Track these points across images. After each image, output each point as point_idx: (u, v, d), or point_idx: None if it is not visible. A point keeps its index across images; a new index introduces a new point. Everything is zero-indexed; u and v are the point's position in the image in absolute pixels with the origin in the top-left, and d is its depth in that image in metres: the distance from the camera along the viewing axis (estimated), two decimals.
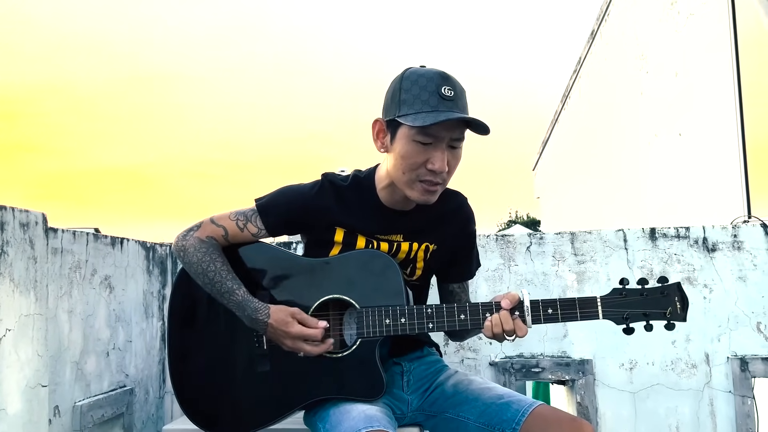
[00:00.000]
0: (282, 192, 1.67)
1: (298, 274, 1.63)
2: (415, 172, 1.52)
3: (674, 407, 2.27)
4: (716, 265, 2.31)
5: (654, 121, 5.70)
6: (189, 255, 1.60)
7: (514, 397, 1.61)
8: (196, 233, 1.63)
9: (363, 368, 1.55)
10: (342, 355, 1.57)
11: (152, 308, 2.33)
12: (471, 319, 1.55)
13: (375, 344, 1.56)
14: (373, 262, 1.60)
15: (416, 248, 1.68)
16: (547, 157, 11.17)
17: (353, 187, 1.66)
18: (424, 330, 1.56)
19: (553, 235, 2.39)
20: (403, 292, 1.59)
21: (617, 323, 1.55)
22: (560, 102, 9.62)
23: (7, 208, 1.37)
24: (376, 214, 1.65)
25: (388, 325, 1.55)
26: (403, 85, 1.51)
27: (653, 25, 5.69)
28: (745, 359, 2.24)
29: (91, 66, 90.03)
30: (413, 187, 1.54)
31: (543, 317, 1.54)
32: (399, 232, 1.67)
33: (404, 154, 1.51)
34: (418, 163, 1.50)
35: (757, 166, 4.01)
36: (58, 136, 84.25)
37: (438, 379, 1.74)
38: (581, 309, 1.54)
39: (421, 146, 1.49)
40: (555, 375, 2.33)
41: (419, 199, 1.57)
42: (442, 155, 1.50)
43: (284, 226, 1.68)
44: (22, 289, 1.42)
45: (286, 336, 1.52)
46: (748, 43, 4.10)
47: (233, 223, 1.64)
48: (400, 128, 1.50)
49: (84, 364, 1.86)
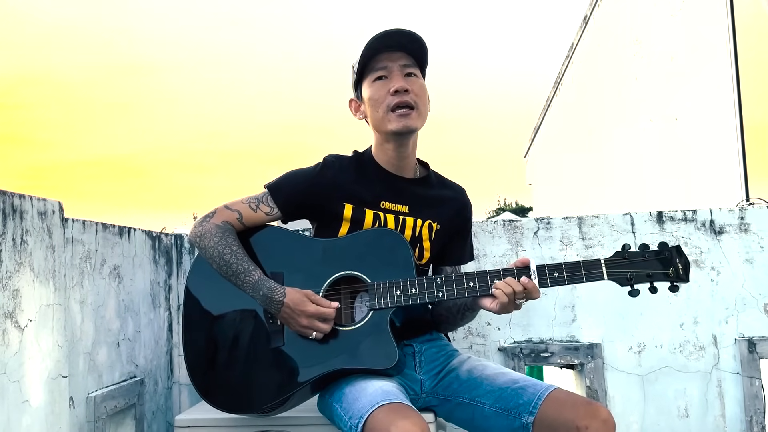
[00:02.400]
0: (290, 173, 1.75)
1: (309, 254, 1.67)
2: (384, 103, 1.65)
3: (683, 389, 2.28)
4: (723, 247, 2.32)
5: (649, 105, 5.72)
6: (206, 240, 1.65)
7: (529, 381, 1.62)
8: (212, 219, 1.69)
9: (376, 338, 1.58)
10: (355, 327, 1.60)
11: (159, 298, 2.31)
12: (480, 286, 1.58)
13: (387, 314, 1.59)
14: (383, 240, 1.66)
15: (420, 225, 1.72)
16: (539, 144, 11.19)
17: (354, 158, 1.77)
18: (434, 299, 1.60)
19: (561, 219, 2.40)
20: (413, 265, 1.63)
21: (621, 284, 1.58)
22: (552, 89, 9.62)
23: (25, 197, 1.35)
24: (379, 179, 1.73)
25: (398, 296, 1.58)
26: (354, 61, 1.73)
27: (648, 10, 5.69)
28: (753, 341, 2.25)
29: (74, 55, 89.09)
30: (389, 119, 1.66)
31: (550, 280, 1.58)
32: (404, 202, 1.72)
33: (370, 95, 1.68)
34: (383, 94, 1.65)
35: (755, 149, 4.03)
36: (41, 126, 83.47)
37: (450, 363, 1.75)
38: (586, 271, 1.58)
39: (380, 82, 1.66)
40: (564, 359, 2.34)
41: (398, 128, 1.65)
42: (398, 77, 1.65)
43: (295, 205, 1.72)
44: (42, 279, 1.40)
45: (303, 314, 1.55)
46: (745, 26, 4.11)
47: (246, 206, 1.70)
48: (362, 84, 1.71)
49: (96, 354, 1.84)
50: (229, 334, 1.67)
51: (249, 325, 1.66)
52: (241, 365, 1.64)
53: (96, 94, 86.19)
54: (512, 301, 1.55)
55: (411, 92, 1.65)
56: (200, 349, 1.70)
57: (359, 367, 1.57)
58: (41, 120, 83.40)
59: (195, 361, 1.69)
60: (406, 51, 1.68)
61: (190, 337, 1.71)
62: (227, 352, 1.67)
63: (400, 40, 1.66)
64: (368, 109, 1.71)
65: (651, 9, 5.60)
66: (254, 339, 1.64)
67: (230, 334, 1.67)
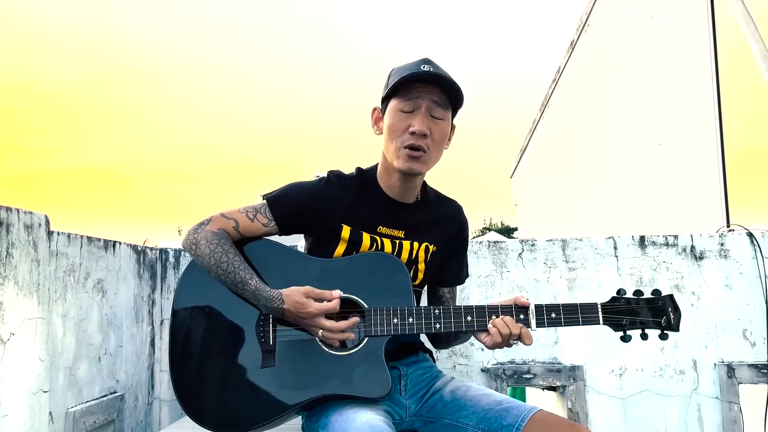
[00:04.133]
0: (291, 186, 1.73)
1: (306, 272, 1.65)
2: (399, 138, 1.63)
3: (663, 413, 2.30)
4: (703, 272, 2.36)
5: (633, 130, 5.80)
6: (201, 247, 1.62)
7: (513, 403, 1.63)
8: (207, 227, 1.65)
9: (370, 366, 1.57)
10: (349, 352, 1.58)
11: (142, 313, 2.30)
12: (477, 321, 1.58)
13: (382, 342, 1.58)
14: (382, 264, 1.64)
15: (417, 248, 1.72)
16: (525, 165, 11.27)
17: (357, 178, 1.75)
18: (431, 330, 1.59)
19: (545, 242, 2.42)
20: (411, 293, 1.62)
21: (615, 330, 1.61)
22: (539, 111, 9.73)
23: (12, 210, 1.35)
24: (378, 203, 1.71)
25: (396, 324, 1.57)
26: (393, 70, 1.69)
27: (633, 37, 5.79)
28: (732, 366, 2.28)
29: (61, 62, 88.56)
30: (399, 155, 1.64)
31: (547, 321, 1.58)
32: (400, 227, 1.71)
33: (390, 124, 1.65)
34: (402, 129, 1.62)
35: (735, 176, 4.09)
36: (27, 134, 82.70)
37: (435, 384, 1.75)
38: (583, 314, 1.59)
39: (404, 114, 1.63)
40: (546, 381, 2.35)
41: (404, 167, 1.64)
42: (422, 119, 1.62)
43: (292, 219, 1.70)
44: (26, 292, 1.39)
45: (307, 317, 1.54)
46: (727, 56, 4.20)
47: (243, 215, 1.68)
48: (389, 104, 1.66)
49: (77, 369, 1.83)
50: (219, 352, 1.63)
51: (240, 343, 1.63)
52: (231, 385, 1.61)
53: (83, 101, 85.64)
54: (506, 341, 1.57)
55: (429, 137, 1.63)
56: (189, 366, 1.65)
57: (351, 394, 1.55)
58: (26, 127, 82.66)
59: (183, 380, 1.66)
60: (442, 87, 1.64)
61: (177, 354, 1.66)
62: (217, 370, 1.63)
63: (440, 81, 1.63)
64: (385, 135, 1.68)
65: (636, 37, 5.70)
66: (246, 358, 1.62)
67: (221, 353, 1.63)
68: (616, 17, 6.33)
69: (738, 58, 4.00)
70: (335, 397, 1.57)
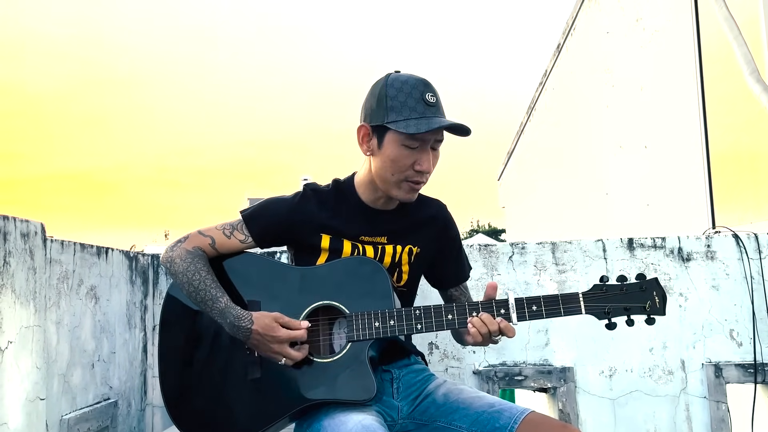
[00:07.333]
0: (267, 201, 1.74)
1: (287, 282, 1.66)
2: (403, 173, 1.62)
3: (652, 413, 2.33)
4: (691, 274, 2.39)
5: (619, 133, 5.85)
6: (176, 265, 1.64)
7: (505, 405, 1.64)
8: (183, 245, 1.67)
9: (354, 371, 1.57)
10: (333, 359, 1.59)
11: (135, 319, 2.30)
12: (458, 319, 1.60)
13: (365, 347, 1.58)
14: (361, 268, 1.64)
15: (400, 251, 1.73)
16: (512, 168, 11.33)
17: (334, 190, 1.75)
18: (413, 331, 1.59)
19: (535, 245, 2.45)
20: (391, 295, 1.63)
21: (599, 318, 1.60)
22: (526, 114, 9.78)
23: (9, 218, 1.35)
24: (357, 213, 1.72)
25: (377, 327, 1.58)
26: (389, 92, 1.61)
27: (619, 41, 5.85)
28: (719, 366, 2.32)
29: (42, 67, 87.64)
30: (400, 186, 1.64)
31: (528, 314, 1.59)
32: (383, 234, 1.72)
33: (394, 157, 1.61)
34: (407, 165, 1.61)
35: (720, 178, 4.15)
36: (10, 138, 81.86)
37: (427, 387, 1.76)
38: (564, 305, 1.58)
39: (409, 150, 1.60)
40: (537, 383, 2.37)
41: (404, 198, 1.66)
42: (428, 157, 1.62)
43: (270, 234, 1.72)
44: (23, 300, 1.39)
45: (274, 341, 1.55)
46: (712, 60, 4.26)
47: (220, 233, 1.69)
48: (389, 133, 1.61)
49: (71, 376, 1.83)
50: (206, 363, 1.65)
51: (225, 354, 1.63)
52: (217, 396, 1.62)
53: (68, 106, 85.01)
54: (488, 338, 1.59)
55: (430, 171, 1.65)
56: (176, 378, 1.66)
57: (338, 399, 1.56)
58: (10, 132, 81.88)
59: (171, 391, 1.66)
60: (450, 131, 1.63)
61: (166, 366, 1.68)
62: (204, 382, 1.64)
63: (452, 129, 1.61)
64: (382, 162, 1.64)
65: (622, 40, 5.76)
66: (231, 369, 1.62)
67: (207, 364, 1.64)
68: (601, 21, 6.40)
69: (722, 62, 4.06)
70: (323, 404, 1.58)
